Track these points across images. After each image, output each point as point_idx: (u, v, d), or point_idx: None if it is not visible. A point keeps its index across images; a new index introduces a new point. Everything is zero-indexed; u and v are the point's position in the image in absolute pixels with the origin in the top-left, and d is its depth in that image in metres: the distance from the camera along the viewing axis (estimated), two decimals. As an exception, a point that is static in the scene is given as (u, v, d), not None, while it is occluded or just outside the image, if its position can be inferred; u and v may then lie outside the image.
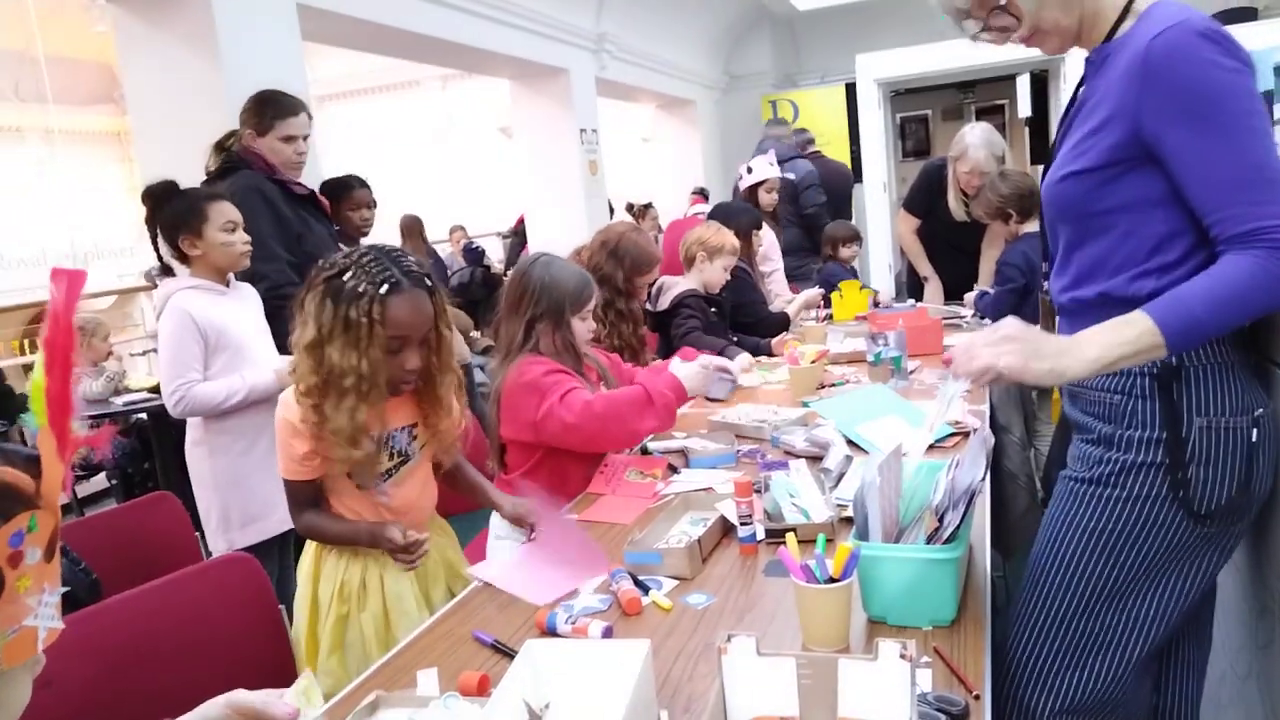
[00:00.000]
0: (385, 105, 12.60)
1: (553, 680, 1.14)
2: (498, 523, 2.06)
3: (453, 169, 12.33)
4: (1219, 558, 1.29)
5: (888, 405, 2.31)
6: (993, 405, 2.27)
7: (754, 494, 1.69)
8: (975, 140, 3.51)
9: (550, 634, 1.38)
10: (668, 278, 3.32)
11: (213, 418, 2.36)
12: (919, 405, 2.29)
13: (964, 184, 3.61)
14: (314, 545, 1.76)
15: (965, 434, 2.10)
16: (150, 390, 4.36)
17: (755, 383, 2.95)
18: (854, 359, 3.07)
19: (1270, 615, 1.42)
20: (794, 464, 1.84)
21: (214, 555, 2.27)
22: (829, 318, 3.88)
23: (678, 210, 8.03)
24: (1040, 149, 9.33)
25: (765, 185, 4.37)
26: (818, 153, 5.76)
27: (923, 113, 10.64)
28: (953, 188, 3.70)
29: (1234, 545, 1.30)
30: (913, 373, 2.76)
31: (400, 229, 6.91)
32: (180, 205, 2.35)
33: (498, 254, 9.02)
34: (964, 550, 1.31)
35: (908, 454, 1.51)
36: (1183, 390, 1.22)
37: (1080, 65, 1.36)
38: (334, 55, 8.84)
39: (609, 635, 1.35)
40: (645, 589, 1.50)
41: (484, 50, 5.06)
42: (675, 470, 2.13)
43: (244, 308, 2.46)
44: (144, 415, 4.44)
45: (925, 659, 1.19)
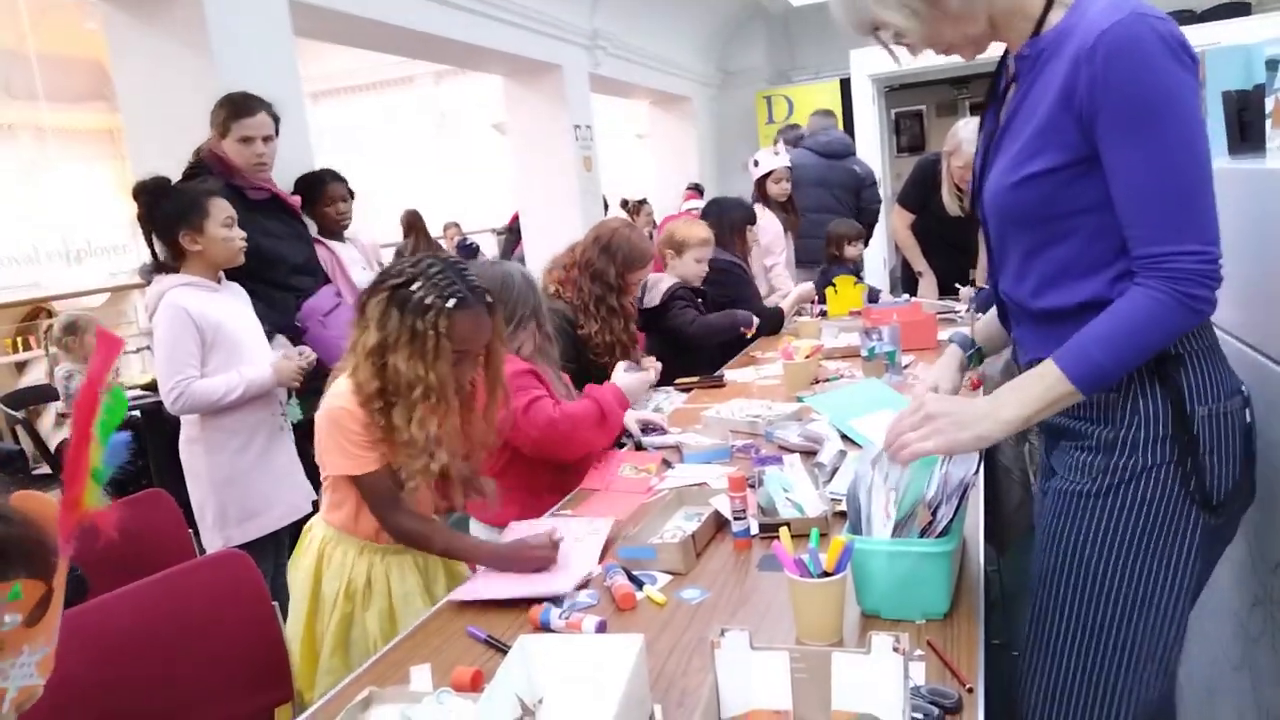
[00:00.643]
0: (379, 102, 12.57)
1: (546, 675, 1.14)
2: (477, 526, 2.09)
3: (447, 166, 12.30)
4: (1221, 548, 1.27)
5: (882, 399, 2.31)
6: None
7: (748, 489, 1.69)
8: (969, 135, 3.51)
9: (544, 630, 1.38)
10: (652, 275, 3.32)
11: (208, 415, 2.35)
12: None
13: (958, 179, 3.62)
14: (318, 540, 1.75)
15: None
16: (144, 388, 4.35)
17: (750, 378, 2.96)
18: (848, 354, 3.07)
19: (1262, 606, 1.43)
20: (788, 459, 1.84)
21: (208, 552, 2.26)
22: (823, 313, 3.88)
23: (673, 206, 8.03)
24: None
25: (773, 176, 4.34)
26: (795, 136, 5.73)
27: (917, 108, 10.64)
28: (947, 182, 3.71)
29: (1232, 534, 1.27)
30: (907, 367, 2.76)
31: (403, 225, 6.82)
32: (182, 200, 2.35)
33: (492, 250, 9.01)
34: (957, 544, 1.31)
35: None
36: (1183, 380, 1.17)
37: None
38: (327, 52, 8.81)
39: (603, 630, 1.35)
40: (639, 584, 1.50)
41: (477, 46, 5.04)
42: (669, 465, 2.13)
43: (237, 304, 2.46)
44: (137, 413, 4.42)
45: (918, 652, 1.19)
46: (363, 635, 1.69)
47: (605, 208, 6.76)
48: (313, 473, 2.86)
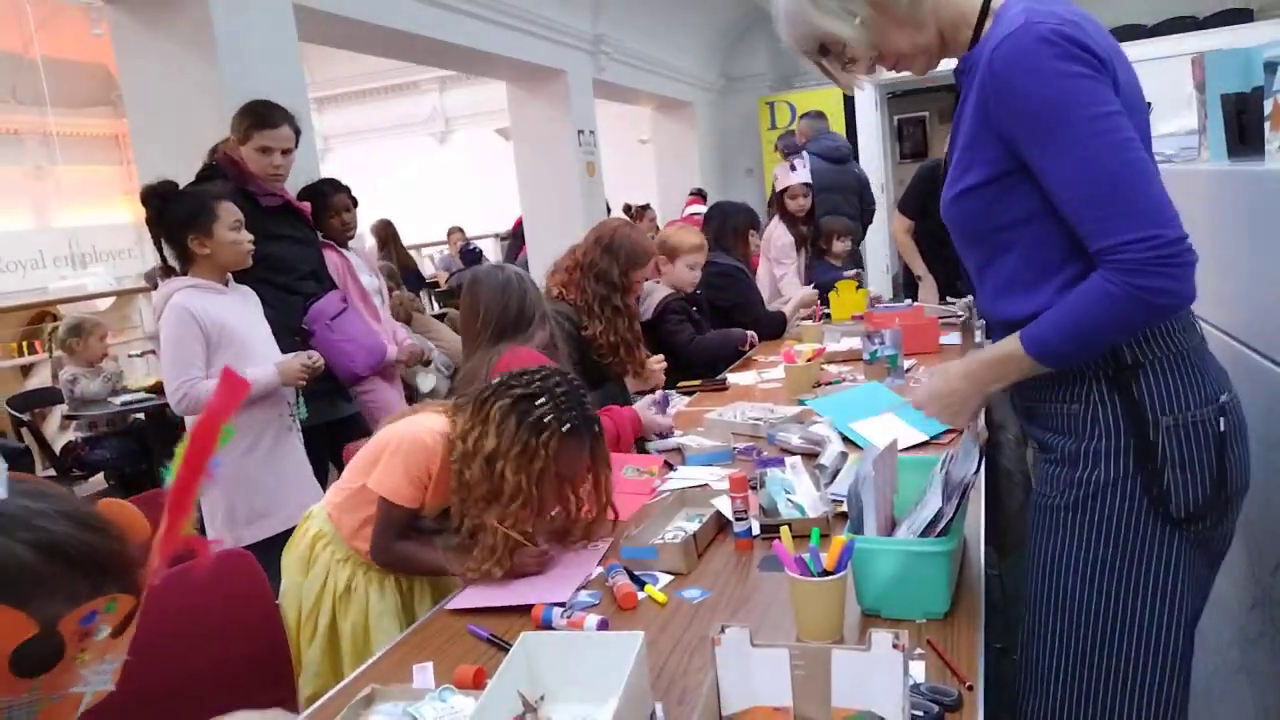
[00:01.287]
0: (383, 107, 12.62)
1: (548, 672, 1.15)
2: None
3: (450, 171, 12.34)
4: (1212, 558, 1.23)
5: (883, 402, 2.31)
6: (988, 403, 2.27)
7: (749, 490, 1.70)
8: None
9: (546, 628, 1.39)
10: (647, 284, 3.32)
11: None
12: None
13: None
14: (312, 532, 1.76)
15: (959, 430, 2.10)
16: (148, 390, 4.37)
17: (752, 381, 2.96)
18: (850, 358, 3.07)
19: (1260, 609, 1.43)
20: (790, 461, 1.84)
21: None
22: (826, 317, 3.89)
23: (676, 211, 8.05)
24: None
25: (789, 192, 4.31)
26: (804, 154, 5.74)
27: (920, 114, 10.66)
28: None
29: (1225, 544, 1.24)
30: (908, 370, 2.76)
31: (375, 236, 6.78)
32: (190, 204, 2.36)
33: (495, 256, 9.02)
34: (957, 543, 1.32)
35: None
36: (1142, 389, 1.15)
37: None
38: (333, 58, 8.86)
39: (604, 629, 1.35)
40: (641, 584, 1.51)
41: (481, 52, 5.07)
42: (671, 467, 2.14)
43: (244, 306, 2.47)
44: (141, 415, 4.45)
45: (918, 650, 1.19)
46: (342, 640, 1.70)
47: (608, 212, 6.77)
48: (322, 473, 2.89)
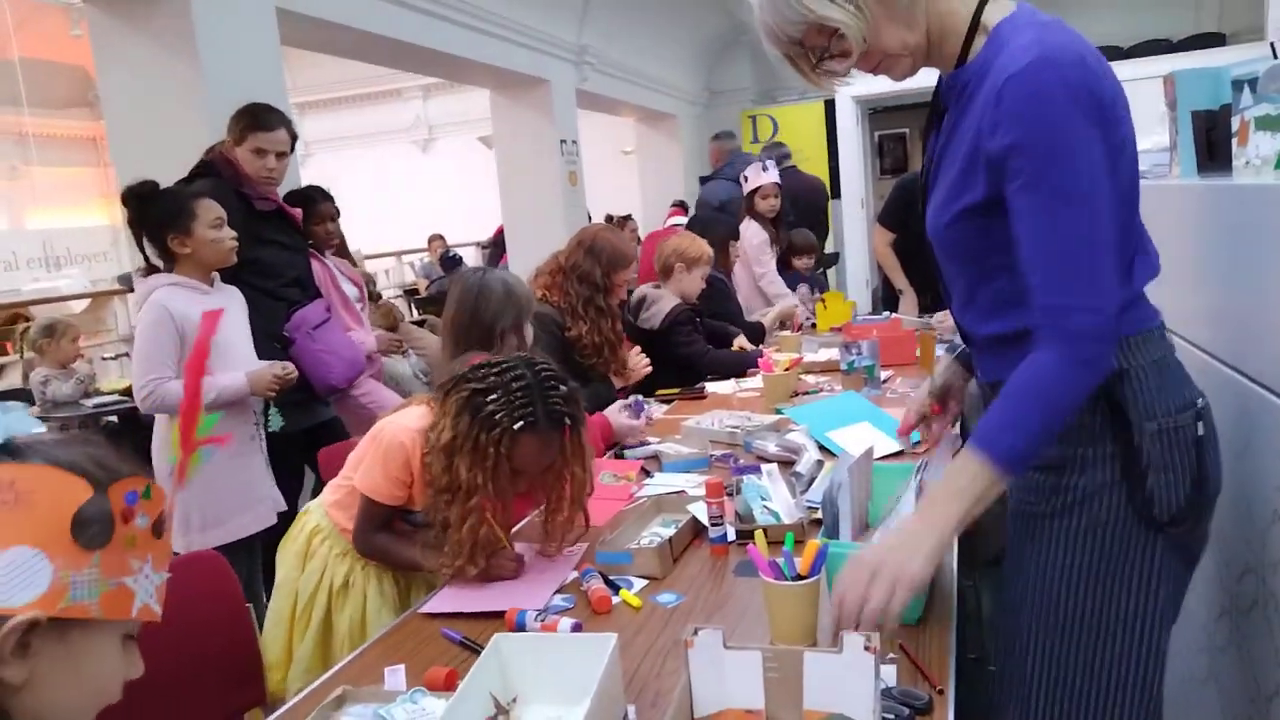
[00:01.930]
0: (366, 114, 12.59)
1: (520, 674, 1.15)
2: None
3: (432, 178, 12.32)
4: (1190, 559, 1.24)
5: (860, 412, 2.33)
6: (963, 413, 2.29)
7: (725, 496, 1.70)
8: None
9: (520, 631, 1.38)
10: (650, 290, 3.34)
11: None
12: (891, 413, 2.32)
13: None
14: (309, 528, 1.76)
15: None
16: (121, 393, 4.32)
17: (730, 390, 2.97)
18: (828, 368, 3.09)
19: (1228, 616, 1.45)
20: (766, 468, 1.85)
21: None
22: (814, 326, 3.94)
23: (658, 223, 8.07)
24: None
25: (760, 192, 4.42)
26: (793, 167, 5.82)
27: (900, 130, 10.77)
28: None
29: (1201, 546, 1.25)
30: (885, 381, 2.79)
31: None
32: (169, 204, 2.35)
33: (476, 264, 9.01)
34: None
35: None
36: (1126, 396, 1.15)
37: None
38: (315, 63, 8.83)
39: (578, 632, 1.35)
40: (615, 588, 1.51)
41: (464, 59, 5.07)
42: (648, 474, 2.14)
43: (226, 308, 2.45)
44: (114, 418, 4.40)
45: (890, 655, 1.20)
46: (335, 636, 1.69)
47: (589, 222, 6.79)
48: (298, 479, 2.87)
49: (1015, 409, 1.11)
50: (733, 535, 1.66)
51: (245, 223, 2.67)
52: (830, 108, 8.46)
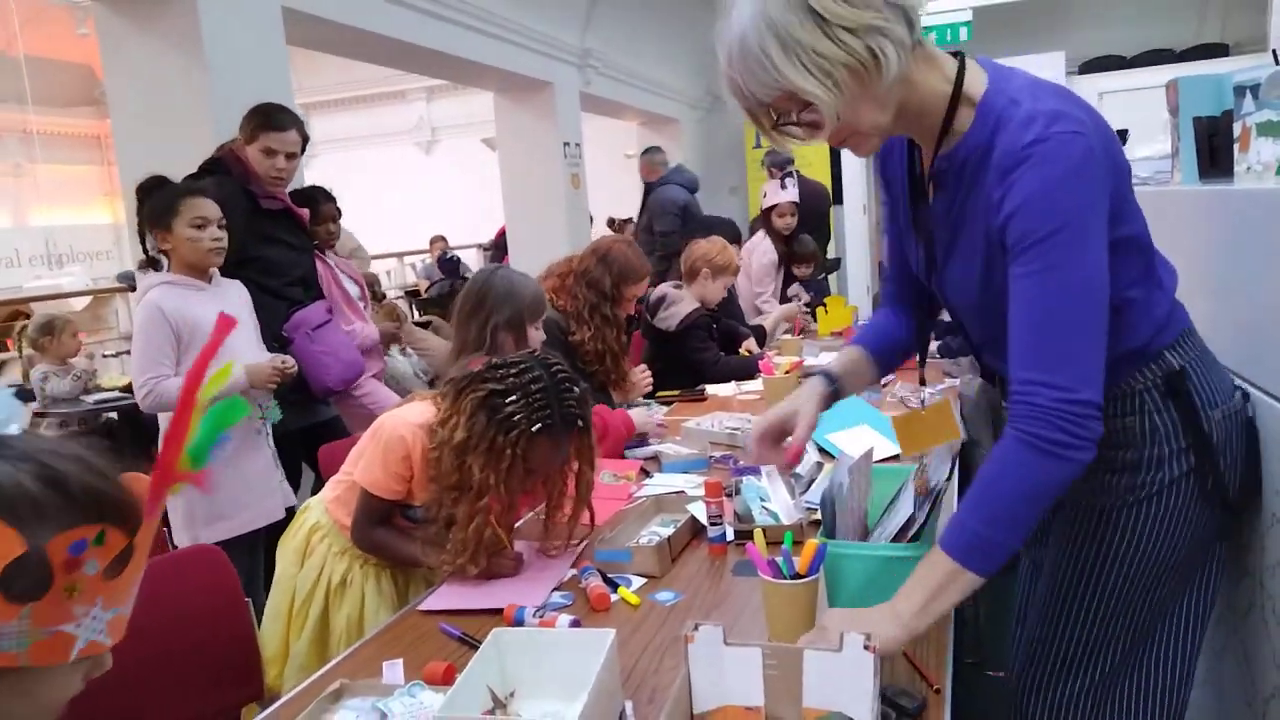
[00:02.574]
0: (370, 115, 12.63)
1: (519, 668, 1.15)
2: None
3: (435, 180, 12.35)
4: (1224, 545, 1.28)
5: (859, 415, 2.33)
6: (964, 416, 2.30)
7: (724, 496, 1.70)
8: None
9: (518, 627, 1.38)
10: (670, 290, 3.35)
11: None
12: (890, 415, 2.32)
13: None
14: (309, 525, 1.77)
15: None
16: (122, 389, 4.32)
17: (730, 392, 2.98)
18: (828, 372, 3.10)
19: (1226, 621, 1.45)
20: (765, 469, 1.85)
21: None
22: (814, 331, 3.95)
23: (659, 226, 8.06)
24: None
25: (777, 209, 4.45)
26: (795, 171, 5.84)
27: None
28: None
29: (1235, 532, 1.29)
30: (884, 385, 2.79)
31: None
32: (155, 200, 2.35)
33: (478, 265, 9.03)
34: (929, 549, 1.33)
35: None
36: (1191, 389, 1.19)
37: None
38: (321, 64, 8.85)
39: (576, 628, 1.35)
40: (614, 586, 1.51)
41: (469, 61, 5.09)
42: (648, 474, 2.14)
43: (225, 305, 2.45)
44: (114, 414, 4.40)
45: (888, 654, 1.20)
46: (333, 633, 1.69)
47: (590, 224, 6.80)
48: (295, 478, 2.87)
49: (978, 497, 1.10)
50: (731, 535, 1.66)
51: (251, 221, 2.67)
52: (833, 114, 8.46)
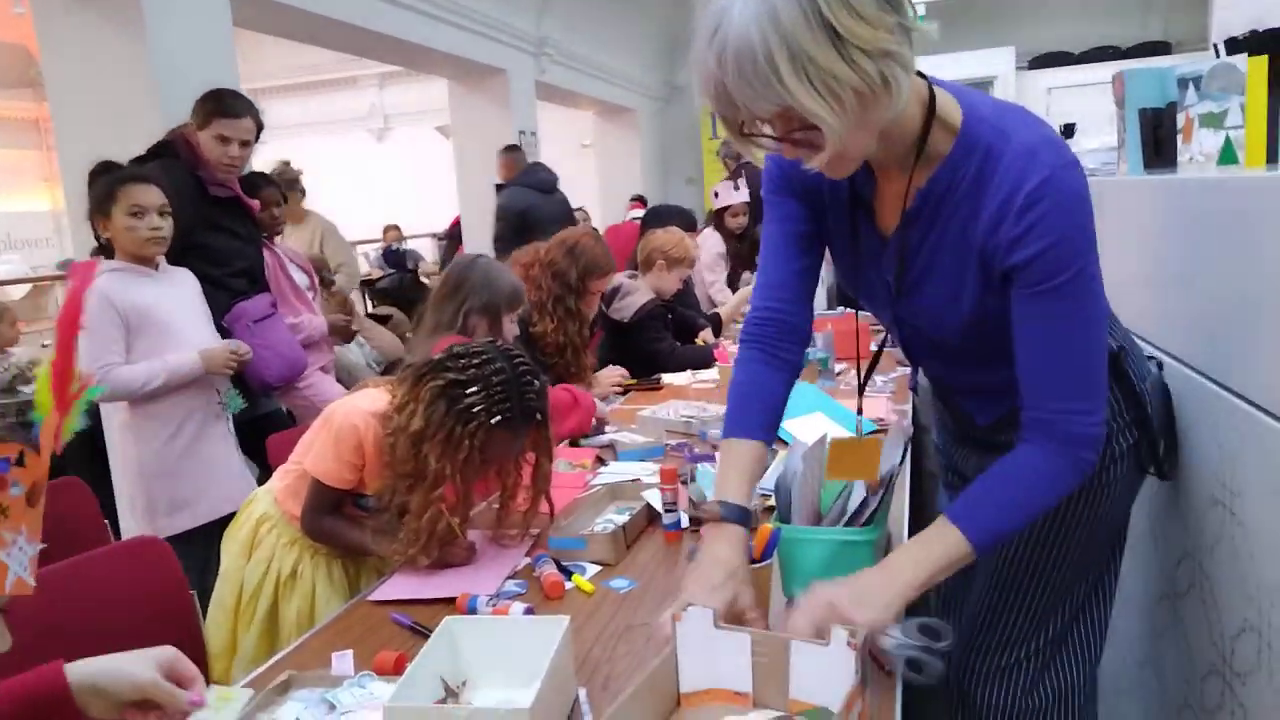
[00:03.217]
0: (321, 102, 12.38)
1: (471, 656, 1.14)
2: None
3: (389, 168, 12.17)
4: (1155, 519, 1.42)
5: (814, 403, 2.34)
6: (915, 406, 2.32)
7: (679, 483, 1.70)
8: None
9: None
10: (625, 280, 3.33)
11: (139, 403, 2.29)
12: (844, 404, 2.34)
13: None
14: (256, 515, 1.73)
15: (886, 430, 2.14)
16: (62, 381, 4.19)
17: (686, 381, 2.98)
18: (783, 361, 3.11)
19: (1168, 600, 1.48)
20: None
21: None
22: None
23: (617, 216, 8.07)
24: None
25: (730, 210, 4.49)
26: (749, 163, 5.86)
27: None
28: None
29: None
30: (839, 373, 2.82)
31: None
32: (96, 187, 2.30)
33: (431, 255, 8.92)
34: (882, 533, 1.34)
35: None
36: (1129, 369, 1.25)
37: None
38: (270, 48, 8.66)
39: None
40: (568, 574, 1.50)
41: (422, 47, 5.02)
42: (603, 462, 2.14)
43: (174, 291, 2.39)
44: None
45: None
46: (282, 626, 1.66)
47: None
48: (256, 464, 2.80)
49: (1005, 495, 1.12)
50: (686, 522, 1.66)
51: (197, 207, 2.60)
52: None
